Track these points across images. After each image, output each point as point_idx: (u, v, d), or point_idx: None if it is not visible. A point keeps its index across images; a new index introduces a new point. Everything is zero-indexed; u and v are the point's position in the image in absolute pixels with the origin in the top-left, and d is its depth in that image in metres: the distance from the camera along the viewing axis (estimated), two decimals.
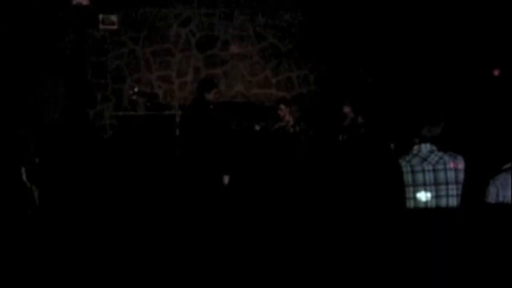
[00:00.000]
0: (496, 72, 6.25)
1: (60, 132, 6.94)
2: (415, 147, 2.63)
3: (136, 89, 7.62)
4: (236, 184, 5.12)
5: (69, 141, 6.70)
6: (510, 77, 5.98)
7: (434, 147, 2.62)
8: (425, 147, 2.62)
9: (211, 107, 5.81)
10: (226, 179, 5.30)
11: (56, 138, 6.47)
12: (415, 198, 2.57)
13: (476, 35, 6.20)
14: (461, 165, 2.60)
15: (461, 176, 2.58)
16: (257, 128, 6.24)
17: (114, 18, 7.65)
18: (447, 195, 2.57)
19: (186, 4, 7.72)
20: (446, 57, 6.52)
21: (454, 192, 2.58)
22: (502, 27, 5.91)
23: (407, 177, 2.57)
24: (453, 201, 2.57)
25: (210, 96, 5.71)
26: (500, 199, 2.82)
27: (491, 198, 2.85)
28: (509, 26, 5.82)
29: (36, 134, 6.34)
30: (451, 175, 2.57)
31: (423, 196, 2.56)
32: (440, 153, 2.60)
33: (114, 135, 7.55)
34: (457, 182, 2.58)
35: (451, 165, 2.57)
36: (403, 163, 2.60)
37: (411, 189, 2.57)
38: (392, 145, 4.69)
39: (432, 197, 2.55)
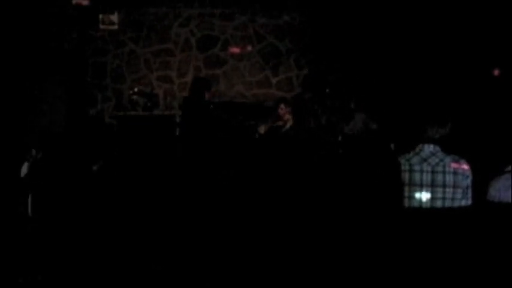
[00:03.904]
0: (496, 72, 6.24)
1: (63, 133, 6.94)
2: (418, 147, 2.62)
3: (136, 89, 7.62)
4: (237, 183, 5.13)
5: (71, 141, 6.69)
6: (510, 77, 5.98)
7: (438, 149, 2.60)
8: (428, 148, 2.60)
9: (212, 106, 5.83)
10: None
11: (59, 138, 6.47)
12: (410, 198, 2.56)
13: (476, 35, 6.19)
14: (462, 169, 2.57)
15: (461, 180, 2.55)
16: (261, 131, 6.21)
17: (114, 18, 7.65)
18: (443, 198, 2.54)
19: (186, 4, 7.72)
20: (446, 57, 6.51)
21: (451, 196, 2.55)
22: (502, 27, 5.91)
23: (405, 176, 2.56)
24: (448, 205, 2.54)
25: (209, 95, 5.74)
26: (502, 200, 2.81)
27: (493, 199, 2.84)
28: (509, 26, 5.82)
29: (36, 133, 6.34)
30: (449, 178, 2.55)
31: (418, 196, 2.55)
32: (442, 155, 2.58)
33: (114, 135, 7.55)
34: (455, 186, 2.55)
35: (452, 168, 2.56)
36: (402, 161, 2.59)
37: (407, 188, 2.56)
38: (392, 145, 4.68)
39: (427, 198, 2.54)
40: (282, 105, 6.30)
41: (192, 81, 6.44)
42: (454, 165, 2.57)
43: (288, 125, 6.28)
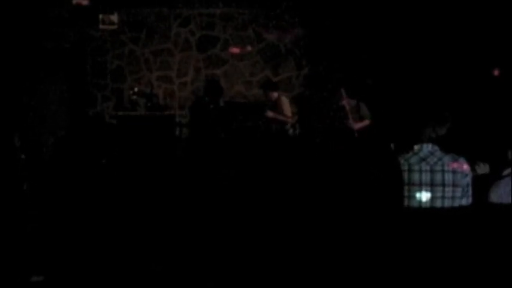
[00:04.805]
0: (496, 72, 6.23)
1: (67, 134, 6.95)
2: (417, 146, 2.62)
3: (136, 89, 7.62)
4: (237, 183, 5.12)
5: (75, 143, 6.69)
6: (510, 77, 5.97)
7: (436, 148, 2.60)
8: (427, 147, 2.60)
9: (212, 106, 5.85)
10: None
11: (63, 140, 6.47)
12: (409, 197, 2.56)
13: (476, 35, 6.19)
14: (461, 167, 2.57)
15: (460, 178, 2.55)
16: (269, 115, 6.38)
17: (114, 18, 7.65)
18: (443, 197, 2.54)
19: (186, 4, 7.72)
20: (445, 57, 6.51)
21: (450, 195, 2.54)
22: (502, 27, 5.90)
23: (404, 176, 2.56)
24: (448, 204, 2.54)
25: (217, 98, 5.83)
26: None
27: None
28: (509, 26, 5.81)
29: (36, 133, 6.34)
30: (448, 177, 2.55)
31: (418, 196, 2.55)
32: (441, 155, 2.58)
33: (113, 135, 7.55)
34: (454, 185, 2.55)
35: (450, 167, 2.55)
36: (401, 161, 2.59)
37: (406, 188, 2.55)
38: (392, 145, 4.68)
39: (427, 197, 2.54)
40: (270, 94, 6.50)
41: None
42: (452, 164, 2.56)
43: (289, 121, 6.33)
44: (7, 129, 5.40)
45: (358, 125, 6.20)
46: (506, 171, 2.87)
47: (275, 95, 6.87)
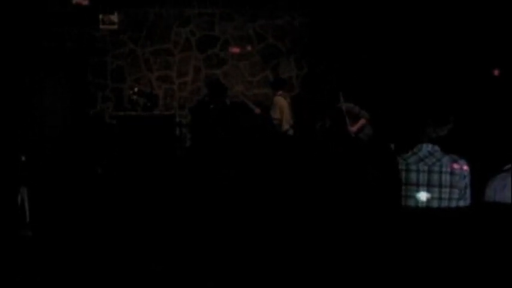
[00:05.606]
0: (496, 72, 6.23)
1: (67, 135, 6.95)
2: (417, 146, 2.61)
3: (136, 89, 7.62)
4: (237, 183, 5.11)
5: (75, 143, 6.69)
6: (510, 77, 5.97)
7: (436, 148, 2.58)
8: (426, 147, 2.59)
9: (212, 106, 5.84)
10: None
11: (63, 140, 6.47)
12: (406, 197, 2.55)
13: (476, 35, 6.19)
14: (460, 169, 2.55)
15: (458, 180, 2.53)
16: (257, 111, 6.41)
17: (114, 18, 7.65)
18: (440, 198, 2.52)
19: (186, 4, 7.72)
20: (446, 56, 6.51)
21: (447, 196, 2.53)
22: (502, 27, 5.90)
23: (401, 175, 2.55)
24: (445, 205, 2.52)
25: (219, 99, 5.84)
26: (498, 200, 2.78)
27: (489, 199, 2.81)
28: (509, 26, 5.81)
29: (36, 133, 6.34)
30: (445, 178, 2.53)
31: (415, 196, 2.54)
32: (440, 155, 2.57)
33: (113, 135, 7.55)
34: (451, 186, 2.53)
35: (449, 168, 2.54)
36: (400, 160, 2.58)
37: (404, 187, 2.55)
38: (392, 145, 4.67)
39: (424, 198, 2.53)
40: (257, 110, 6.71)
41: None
42: (451, 165, 2.55)
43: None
44: (7, 129, 5.40)
45: (354, 128, 6.22)
46: (507, 167, 2.86)
47: (276, 93, 6.97)
